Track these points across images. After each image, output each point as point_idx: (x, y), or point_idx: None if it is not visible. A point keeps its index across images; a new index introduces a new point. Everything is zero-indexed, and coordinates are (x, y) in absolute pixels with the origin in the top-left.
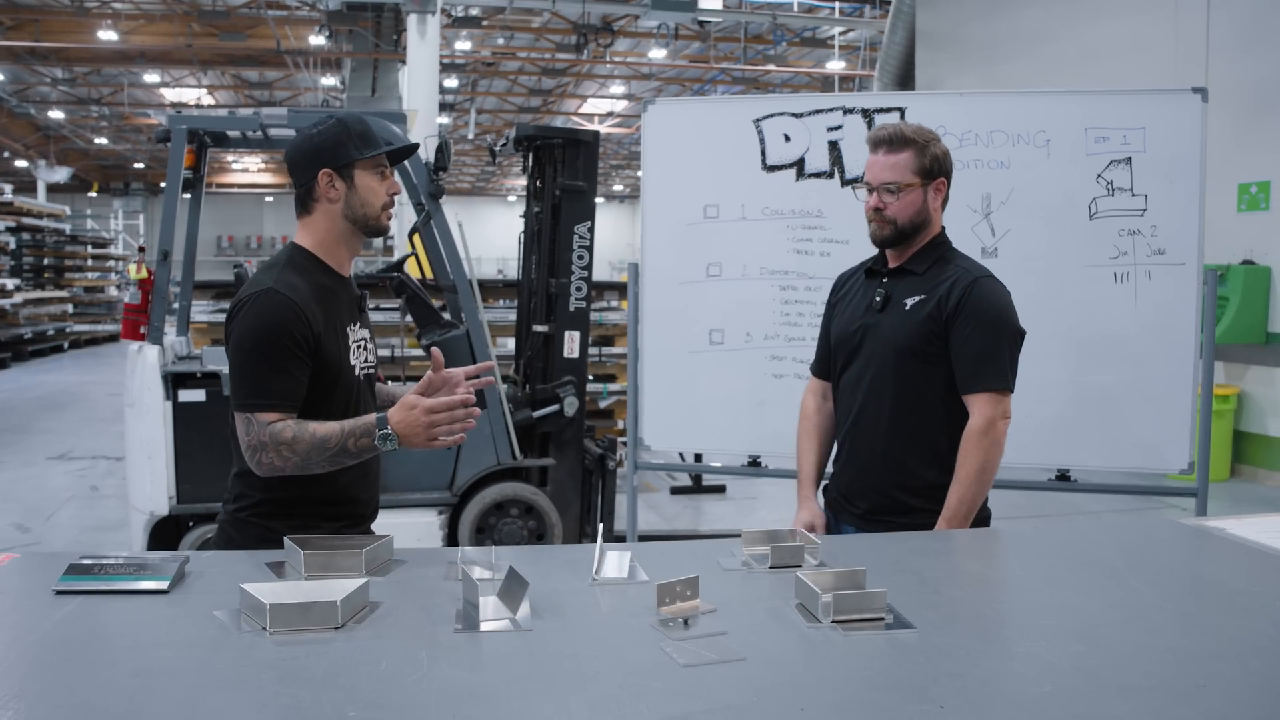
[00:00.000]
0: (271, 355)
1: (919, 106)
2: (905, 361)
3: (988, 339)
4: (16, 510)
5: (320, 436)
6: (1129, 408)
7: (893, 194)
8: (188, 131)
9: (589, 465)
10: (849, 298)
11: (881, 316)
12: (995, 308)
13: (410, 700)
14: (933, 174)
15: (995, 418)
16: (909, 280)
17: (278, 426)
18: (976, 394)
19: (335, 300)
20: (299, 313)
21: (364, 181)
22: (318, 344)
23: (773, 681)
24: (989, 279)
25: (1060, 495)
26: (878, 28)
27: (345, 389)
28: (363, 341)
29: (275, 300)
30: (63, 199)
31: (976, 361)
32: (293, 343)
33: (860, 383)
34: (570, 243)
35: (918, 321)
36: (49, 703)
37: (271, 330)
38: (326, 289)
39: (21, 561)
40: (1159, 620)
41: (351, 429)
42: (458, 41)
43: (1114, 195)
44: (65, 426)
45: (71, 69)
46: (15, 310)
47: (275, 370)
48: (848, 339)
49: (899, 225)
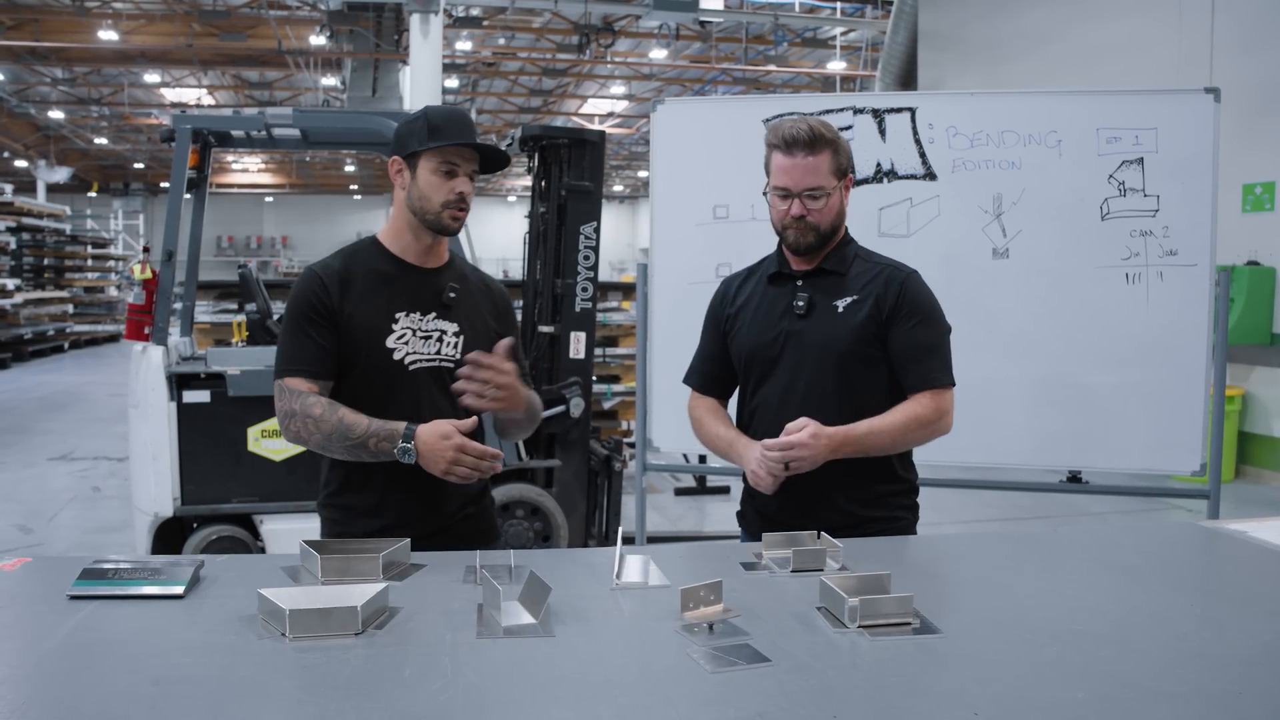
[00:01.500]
0: (294, 323)
1: (930, 106)
2: (847, 365)
3: (930, 335)
4: (19, 511)
5: (345, 424)
6: (1140, 409)
7: (816, 200)
8: (192, 131)
9: (595, 466)
10: (750, 306)
11: (808, 322)
12: (931, 303)
13: (437, 708)
14: (845, 172)
15: (945, 410)
16: (832, 281)
17: (310, 400)
18: (925, 391)
19: (388, 286)
20: (320, 283)
21: (425, 175)
22: (338, 317)
23: (802, 687)
24: (917, 274)
25: (1064, 497)
26: (879, 28)
27: (378, 373)
28: (434, 333)
29: (303, 276)
30: (63, 199)
31: (923, 359)
32: (311, 310)
33: (790, 395)
34: (576, 243)
35: (857, 324)
36: (67, 710)
37: (294, 301)
38: (381, 274)
39: (33, 566)
40: (1188, 625)
41: (377, 429)
42: (458, 42)
43: (1126, 196)
44: (66, 427)
45: (72, 69)
46: (15, 310)
47: (297, 337)
48: (764, 350)
49: (822, 231)
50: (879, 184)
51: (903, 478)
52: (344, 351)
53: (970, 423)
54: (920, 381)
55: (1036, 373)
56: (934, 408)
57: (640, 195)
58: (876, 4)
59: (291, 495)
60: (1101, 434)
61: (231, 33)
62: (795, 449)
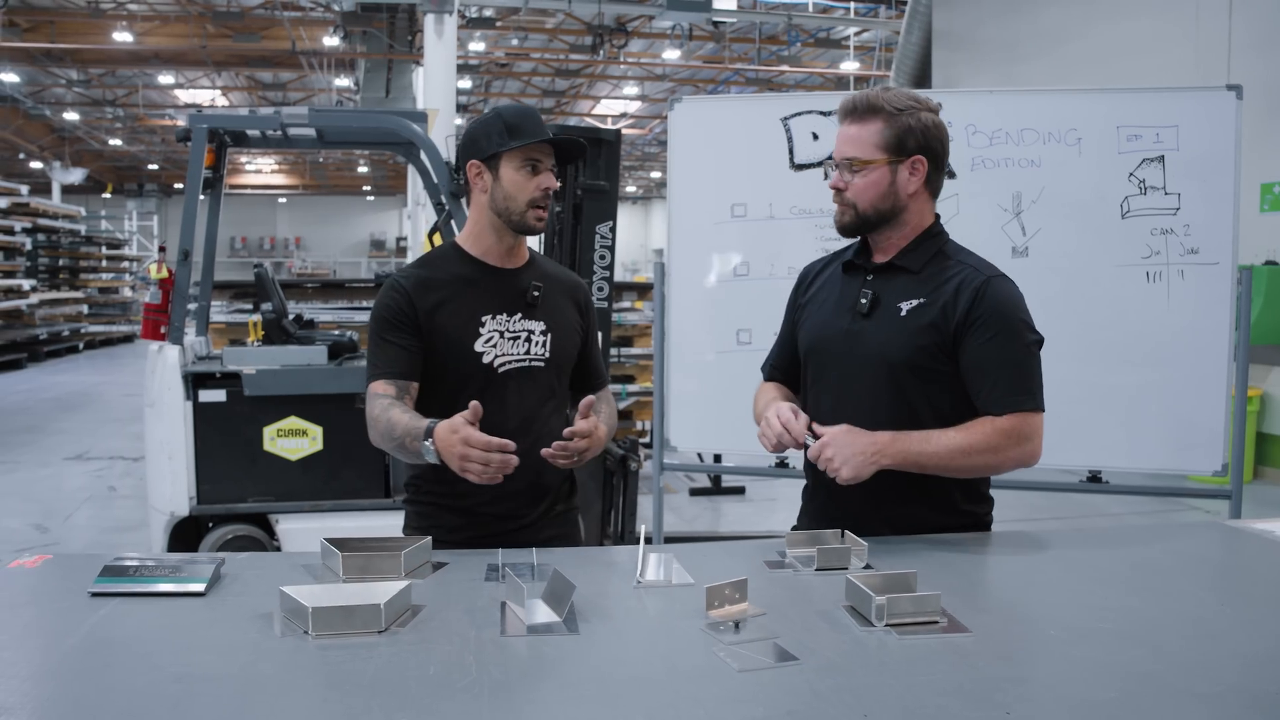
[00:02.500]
0: (378, 332)
1: (948, 104)
2: (900, 377)
3: (1011, 351)
4: (35, 510)
5: (390, 423)
6: (1160, 409)
7: (854, 172)
8: (208, 131)
9: (610, 466)
10: (821, 295)
11: (868, 322)
12: (1015, 313)
13: (463, 707)
14: (905, 149)
15: (1027, 436)
16: (902, 280)
17: (382, 402)
18: (1004, 416)
19: (472, 290)
20: (401, 292)
21: (509, 175)
22: (424, 322)
23: (831, 686)
24: (1002, 279)
25: (1081, 499)
26: (893, 28)
27: (468, 378)
28: (522, 334)
29: (386, 286)
30: (77, 200)
31: (1001, 379)
32: (392, 317)
33: (841, 402)
34: (592, 242)
35: (917, 331)
36: (90, 707)
37: (376, 311)
38: (463, 279)
39: (54, 563)
40: (1219, 625)
41: (409, 427)
42: (471, 42)
43: (1146, 194)
44: (81, 427)
45: (86, 70)
46: (31, 311)
47: (379, 345)
48: (823, 346)
49: (859, 210)
50: None
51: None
52: (433, 358)
53: None
54: (994, 404)
55: (1055, 372)
56: (1011, 432)
57: (654, 196)
58: (890, 4)
59: (307, 495)
60: (1121, 434)
61: (245, 34)
62: (828, 448)
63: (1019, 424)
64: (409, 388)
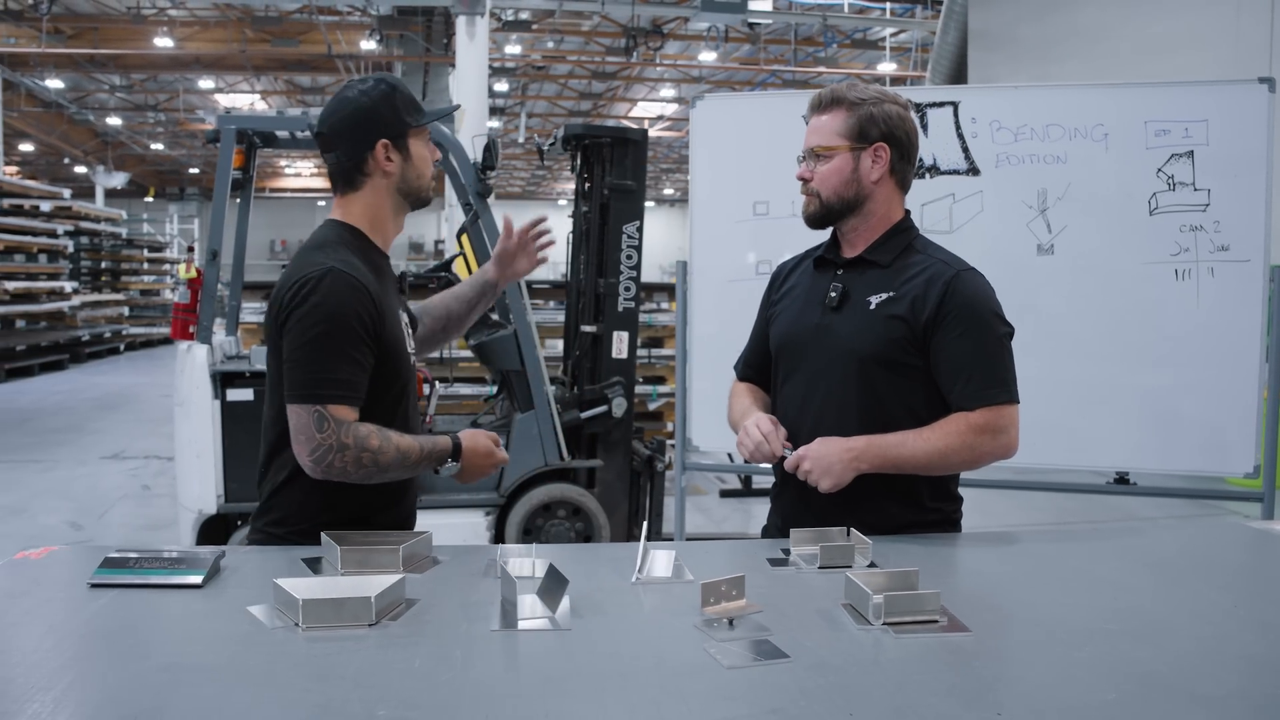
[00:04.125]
0: (344, 341)
1: (972, 100)
2: (870, 371)
3: (982, 345)
4: (70, 508)
5: (403, 450)
6: (1190, 409)
7: (818, 160)
8: (236, 132)
9: (637, 467)
10: (793, 292)
11: (837, 316)
12: (985, 306)
13: (443, 700)
14: (868, 137)
15: (1001, 429)
16: (872, 274)
17: (364, 431)
18: (979, 410)
19: (388, 281)
20: (367, 296)
21: (418, 150)
22: (379, 328)
23: (819, 684)
24: (971, 272)
25: (1114, 501)
26: (929, 28)
27: (407, 377)
28: (408, 328)
29: (345, 282)
30: (120, 203)
31: (974, 374)
32: (362, 328)
33: (811, 397)
34: (619, 242)
35: (886, 324)
36: (76, 696)
37: (343, 314)
38: (379, 269)
39: (58, 554)
40: (1230, 626)
41: (428, 450)
42: (508, 45)
43: (1175, 190)
44: (119, 426)
45: (129, 76)
46: (73, 313)
47: (347, 358)
48: (794, 342)
49: (823, 199)
50: (921, 179)
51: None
52: (383, 361)
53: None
54: (966, 399)
55: (1082, 372)
56: (987, 426)
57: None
58: (926, 4)
59: None
60: (1150, 435)
61: (283, 39)
62: (804, 462)
63: (992, 418)
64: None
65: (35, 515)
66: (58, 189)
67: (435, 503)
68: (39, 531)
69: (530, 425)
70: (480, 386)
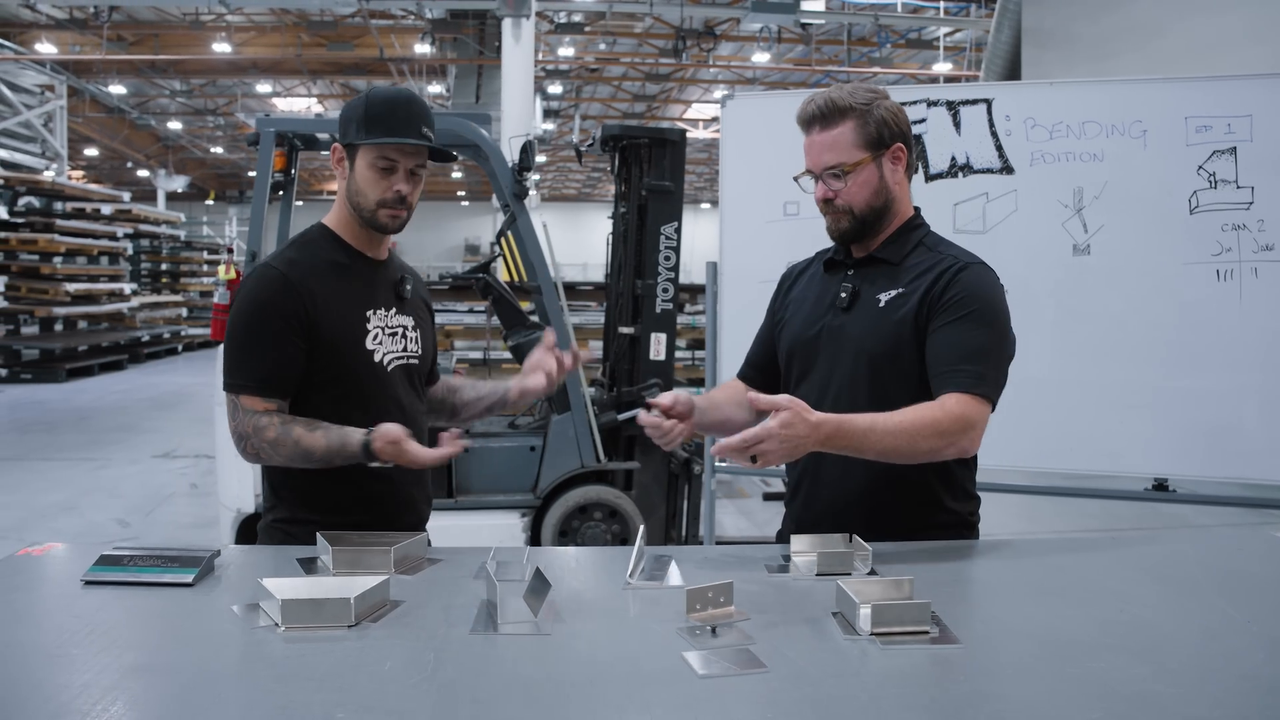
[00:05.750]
0: (256, 333)
1: (1006, 97)
2: (881, 369)
3: (971, 335)
4: (120, 506)
5: (304, 447)
6: (1233, 414)
7: (839, 178)
8: (276, 135)
9: (674, 469)
10: (803, 295)
11: (847, 316)
12: (985, 299)
13: (404, 703)
14: (883, 141)
15: (971, 423)
16: (882, 272)
17: (263, 422)
18: (952, 395)
19: (352, 280)
20: (288, 287)
21: (362, 170)
22: (313, 322)
23: (792, 696)
24: (979, 265)
25: (1166, 509)
26: (984, 27)
27: (361, 377)
28: (399, 329)
29: (266, 276)
30: (181, 207)
31: (958, 359)
32: (280, 319)
33: (823, 399)
34: (657, 243)
35: (895, 321)
36: (41, 693)
37: (258, 307)
38: (341, 267)
39: (58, 552)
40: (1239, 643)
41: (336, 447)
42: (561, 48)
43: (1216, 188)
44: (172, 426)
45: (188, 81)
46: (132, 314)
47: (258, 350)
48: (805, 344)
49: (857, 213)
50: (954, 178)
51: (961, 492)
52: (320, 358)
53: (1050, 427)
54: (945, 383)
55: (1120, 376)
56: (956, 415)
57: None
58: (980, 3)
59: None
60: (1192, 440)
61: (339, 42)
62: (764, 441)
63: (963, 406)
64: (284, 405)
65: (85, 512)
66: (118, 192)
67: (472, 504)
68: (87, 528)
69: (567, 427)
70: None
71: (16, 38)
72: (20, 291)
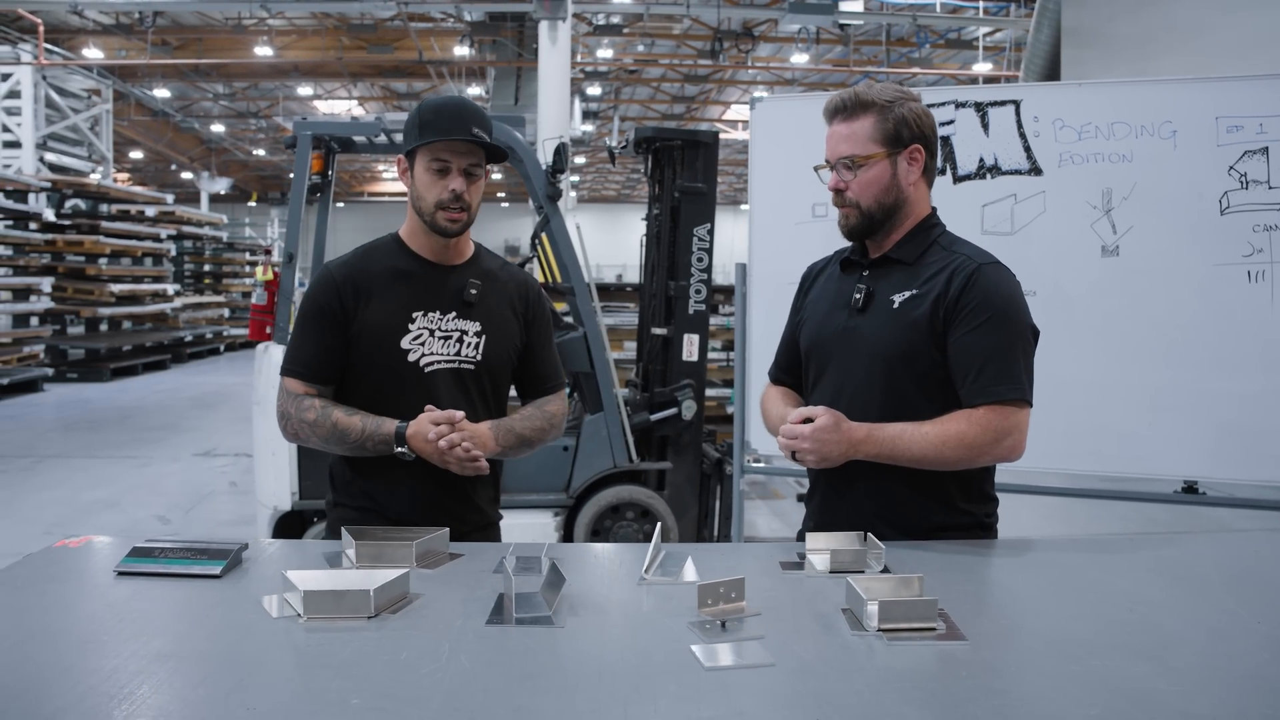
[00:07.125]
0: (303, 323)
1: (1035, 98)
2: (895, 370)
3: (997, 340)
4: (160, 503)
5: (340, 429)
6: (1265, 416)
7: (851, 169)
8: (313, 138)
9: (707, 469)
10: (820, 295)
11: (862, 318)
12: (1004, 300)
13: (418, 692)
14: (901, 140)
15: (1008, 430)
16: (896, 272)
17: (305, 403)
18: (983, 407)
19: (409, 284)
20: (332, 283)
21: (420, 175)
22: (350, 318)
23: (797, 690)
24: (995, 265)
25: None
26: (1024, 27)
27: (395, 375)
28: (454, 333)
29: (320, 276)
30: (224, 208)
31: (983, 366)
32: (321, 311)
33: (838, 399)
34: (689, 245)
35: (910, 322)
36: (71, 675)
37: (307, 300)
38: (399, 272)
39: (95, 544)
40: (1245, 644)
41: (371, 432)
42: (599, 49)
43: (1248, 188)
44: (213, 425)
45: (231, 84)
46: (175, 314)
47: (303, 337)
48: (821, 345)
49: (864, 208)
50: (982, 180)
51: (978, 494)
52: (358, 353)
53: (1080, 428)
54: (975, 394)
55: (1150, 378)
56: (989, 426)
57: None
58: (1020, 2)
59: None
60: (1223, 443)
61: (379, 45)
62: (799, 439)
63: (996, 417)
64: (327, 391)
65: (127, 509)
66: (162, 194)
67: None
68: (129, 524)
69: (599, 427)
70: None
71: (65, 43)
72: (67, 292)
